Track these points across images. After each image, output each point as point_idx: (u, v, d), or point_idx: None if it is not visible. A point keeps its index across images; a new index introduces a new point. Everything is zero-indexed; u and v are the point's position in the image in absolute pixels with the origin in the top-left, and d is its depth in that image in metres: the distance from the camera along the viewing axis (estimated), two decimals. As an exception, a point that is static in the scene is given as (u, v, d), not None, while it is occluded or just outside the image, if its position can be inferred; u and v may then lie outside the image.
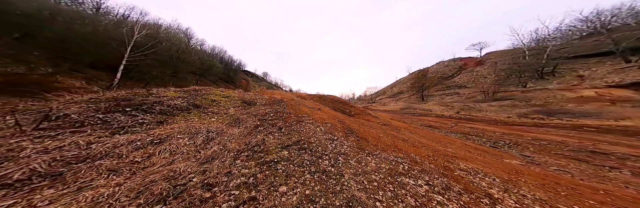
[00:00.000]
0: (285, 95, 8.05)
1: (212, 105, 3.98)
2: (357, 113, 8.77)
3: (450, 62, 42.35)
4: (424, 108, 20.10)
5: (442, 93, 29.16)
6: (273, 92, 8.78)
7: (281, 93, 8.54)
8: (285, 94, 8.13)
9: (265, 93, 8.07)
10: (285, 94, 8.64)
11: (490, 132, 7.26)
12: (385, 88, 62.75)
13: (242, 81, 38.06)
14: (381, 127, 5.73)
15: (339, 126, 4.18)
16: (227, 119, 3.46)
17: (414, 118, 11.60)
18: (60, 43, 11.57)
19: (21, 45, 10.31)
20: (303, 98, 9.18)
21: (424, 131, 6.67)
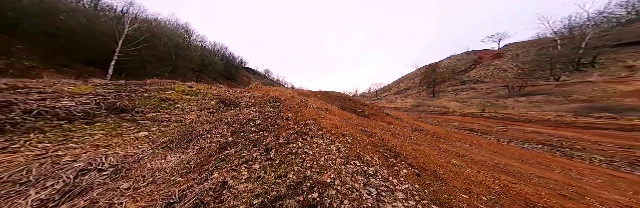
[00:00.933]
0: (284, 92, 6.38)
1: (160, 107, 2.41)
2: (373, 113, 7.00)
3: (463, 55, 38.56)
4: (438, 105, 17.87)
5: (456, 88, 26.39)
6: (269, 88, 7.08)
7: (279, 90, 6.86)
8: (284, 91, 6.48)
9: (260, 89, 6.47)
10: (284, 91, 6.98)
11: (570, 139, 5.16)
12: (391, 84, 59.59)
13: (243, 78, 36.84)
14: (420, 136, 3.98)
15: (365, 140, 2.51)
16: (172, 133, 1.87)
17: (438, 118, 9.57)
18: (50, 37, 10.44)
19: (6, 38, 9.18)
20: (305, 96, 7.50)
21: (480, 140, 4.76)
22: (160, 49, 13.70)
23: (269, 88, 7.02)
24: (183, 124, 2.10)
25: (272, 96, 4.10)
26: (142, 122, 1.96)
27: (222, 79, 28.10)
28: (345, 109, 7.34)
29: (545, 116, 8.46)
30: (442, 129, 6.02)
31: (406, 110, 16.08)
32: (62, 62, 11.00)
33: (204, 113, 2.59)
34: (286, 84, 65.25)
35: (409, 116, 9.85)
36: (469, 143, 4.18)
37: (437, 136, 4.37)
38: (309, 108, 3.95)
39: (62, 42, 10.74)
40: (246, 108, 3.09)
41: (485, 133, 6.19)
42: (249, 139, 2.06)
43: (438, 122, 7.97)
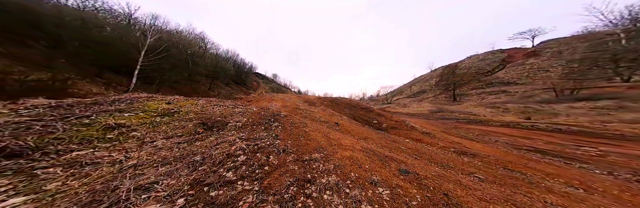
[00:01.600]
0: (288, 102, 5.55)
1: (101, 140, 1.63)
2: (393, 126, 5.73)
3: (487, 55, 34.52)
4: (463, 111, 15.42)
5: (481, 91, 23.18)
6: (272, 98, 6.29)
7: (283, 99, 6.07)
8: (288, 101, 5.65)
9: (262, 99, 5.74)
10: (289, 99, 6.15)
11: None
12: (403, 86, 56.05)
13: (253, 83, 37.74)
14: (482, 168, 2.62)
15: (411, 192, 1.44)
16: (75, 195, 1.02)
17: (473, 129, 7.61)
18: (86, 50, 11.44)
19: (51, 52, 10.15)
20: (311, 104, 6.59)
21: (592, 179, 2.75)
22: (178, 57, 14.32)
23: (271, 97, 6.29)
24: (115, 171, 1.28)
25: (271, 112, 3.25)
26: (45, 171, 1.18)
27: (233, 84, 29.00)
28: (357, 120, 6.21)
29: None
30: (498, 150, 4.33)
31: (425, 117, 14.09)
32: (95, 73, 11.82)
33: (168, 143, 1.78)
34: (293, 88, 65.64)
35: (433, 125, 8.21)
36: (580, 185, 2.47)
37: (504, 166, 2.93)
38: (316, 127, 3.00)
39: (96, 54, 11.57)
40: (233, 131, 2.24)
41: (571, 158, 4.02)
42: (214, 202, 1.16)
43: (477, 136, 6.26)
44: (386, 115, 6.79)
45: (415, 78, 57.12)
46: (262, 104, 4.54)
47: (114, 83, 12.05)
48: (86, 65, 11.35)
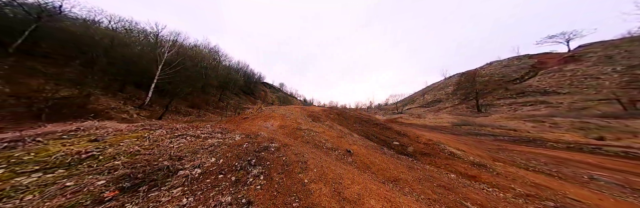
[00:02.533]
0: (288, 118, 4.58)
1: None
2: (422, 151, 4.27)
3: (512, 61, 31.34)
4: (495, 125, 12.83)
5: (511, 101, 20.05)
6: (271, 114, 5.15)
7: (283, 115, 5.07)
8: (288, 117, 4.70)
9: (259, 116, 4.82)
10: (290, 115, 5.17)
11: None
12: (414, 95, 52.65)
13: (261, 92, 38.47)
14: None
15: None
16: None
17: (535, 154, 5.27)
18: (112, 66, 12.55)
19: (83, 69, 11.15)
20: (316, 119, 5.56)
21: None
22: (192, 70, 15.02)
23: (270, 113, 5.22)
24: None
25: (259, 141, 2.31)
26: None
27: (242, 94, 29.73)
28: (371, 139, 4.93)
29: None
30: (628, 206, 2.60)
31: (449, 131, 11.88)
32: (118, 88, 12.59)
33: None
34: (299, 97, 65.87)
35: (469, 145, 6.37)
36: None
37: None
38: (321, 164, 1.94)
39: (121, 70, 12.47)
40: (175, 191, 1.27)
41: None
42: None
43: (551, 167, 4.30)
44: (409, 134, 5.37)
45: (428, 86, 53.80)
46: (255, 126, 3.64)
47: (134, 97, 12.68)
48: (111, 81, 12.25)
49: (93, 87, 10.85)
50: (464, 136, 9.84)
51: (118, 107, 10.54)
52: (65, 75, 10.09)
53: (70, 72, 10.29)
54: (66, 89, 9.20)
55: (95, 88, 10.97)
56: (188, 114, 14.30)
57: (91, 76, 10.88)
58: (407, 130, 5.84)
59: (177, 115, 13.47)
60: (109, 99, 10.84)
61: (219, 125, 3.77)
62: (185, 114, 14.14)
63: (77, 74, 10.50)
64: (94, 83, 11.16)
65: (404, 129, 5.99)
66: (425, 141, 4.68)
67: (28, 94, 7.52)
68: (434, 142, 4.71)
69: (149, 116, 11.52)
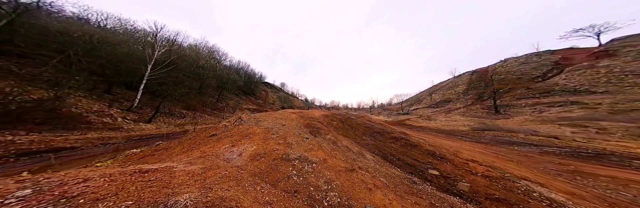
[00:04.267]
0: (274, 136, 3.03)
1: None
2: (490, 193, 2.63)
3: (531, 57, 28.59)
4: (528, 130, 10.90)
5: (535, 102, 17.88)
6: (249, 129, 3.42)
7: (268, 129, 3.51)
8: (276, 132, 3.11)
9: (231, 133, 3.00)
10: (279, 129, 3.50)
11: None
12: (420, 94, 50.12)
13: (262, 93, 37.28)
14: None
15: None
16: None
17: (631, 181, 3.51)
18: (99, 66, 11.43)
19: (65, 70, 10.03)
20: (314, 130, 4.15)
21: None
22: (188, 70, 13.80)
23: (248, 128, 3.47)
24: None
25: None
26: None
27: (242, 94, 28.56)
28: (391, 161, 3.50)
29: None
30: None
31: (472, 138, 10.09)
32: (104, 89, 11.45)
33: None
34: (300, 97, 64.57)
35: (515, 162, 4.73)
36: None
37: None
38: None
39: (108, 70, 11.29)
40: None
41: None
42: None
43: None
44: (447, 155, 3.80)
45: (435, 85, 51.11)
46: (209, 158, 2.10)
47: (122, 99, 11.58)
48: (97, 82, 11.13)
49: (74, 88, 9.76)
50: (495, 145, 8.08)
51: (101, 110, 9.42)
52: (42, 76, 9.00)
53: (47, 72, 9.20)
54: (40, 90, 8.10)
55: (77, 89, 9.88)
56: (182, 116, 13.19)
57: (73, 77, 9.76)
58: (441, 148, 4.28)
59: (169, 118, 12.36)
60: (93, 102, 9.73)
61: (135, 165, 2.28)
62: (180, 117, 13.03)
63: (55, 74, 9.37)
64: (76, 84, 10.07)
65: (437, 146, 4.43)
66: (483, 171, 3.10)
67: (-13, 97, 6.41)
68: (501, 173, 3.12)
69: (136, 119, 10.39)
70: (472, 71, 39.83)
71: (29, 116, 6.72)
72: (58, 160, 4.21)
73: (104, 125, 8.49)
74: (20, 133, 5.85)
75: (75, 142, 5.82)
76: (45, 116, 7.05)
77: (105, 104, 10.34)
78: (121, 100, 11.51)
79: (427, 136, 9.35)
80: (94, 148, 5.67)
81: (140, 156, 3.16)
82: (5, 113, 6.30)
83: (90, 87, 10.71)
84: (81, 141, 6.03)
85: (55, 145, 5.36)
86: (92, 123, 8.21)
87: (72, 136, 6.49)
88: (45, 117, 7.02)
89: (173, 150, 2.70)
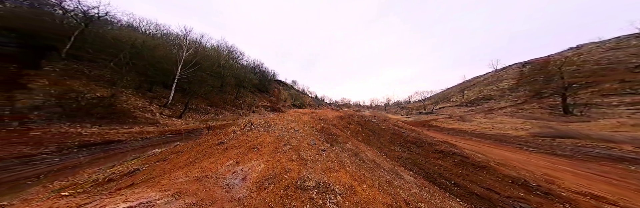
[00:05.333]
0: (286, 149, 2.56)
1: None
2: None
3: (627, 40, 20.97)
4: (634, 139, 7.57)
5: (636, 100, 13.11)
6: (258, 137, 3.02)
7: (279, 137, 3.06)
8: (288, 143, 2.63)
9: (238, 142, 2.66)
10: (292, 135, 3.08)
11: None
12: (448, 91, 43.48)
13: (274, 90, 38.31)
14: None
15: None
16: None
17: None
18: (143, 67, 13.35)
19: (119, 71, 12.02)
20: (331, 137, 3.66)
21: None
22: (211, 69, 14.94)
23: (258, 136, 3.10)
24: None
25: None
26: None
27: (257, 92, 29.97)
28: (441, 185, 2.68)
29: None
30: None
31: (530, 145, 7.63)
32: (147, 88, 13.32)
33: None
34: (310, 94, 64.23)
35: None
36: None
37: None
38: None
39: (150, 71, 13.02)
40: None
41: None
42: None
43: None
44: (556, 191, 2.29)
45: (468, 80, 43.52)
46: (208, 182, 1.86)
47: (160, 96, 13.41)
48: (142, 81, 13.06)
49: (125, 87, 11.70)
50: (589, 161, 5.35)
51: (144, 106, 11.07)
52: (103, 76, 10.98)
53: (107, 73, 11.18)
54: (102, 89, 9.92)
55: (127, 88, 11.83)
56: (206, 112, 14.62)
57: (124, 78, 11.66)
58: (520, 169, 3.07)
59: (196, 113, 13.85)
60: (139, 99, 11.51)
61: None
62: (204, 113, 14.48)
63: (112, 75, 11.30)
64: (127, 83, 12.05)
65: (510, 165, 3.23)
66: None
67: (66, 95, 8.12)
68: None
69: (170, 115, 11.94)
70: (524, 62, 32.03)
71: (94, 111, 8.27)
72: (105, 153, 4.87)
73: (146, 120, 9.90)
74: (86, 125, 7.19)
75: (123, 136, 6.85)
76: (104, 111, 8.59)
77: (147, 101, 12.06)
78: (159, 97, 13.27)
79: (468, 142, 7.61)
80: (135, 142, 6.53)
81: (157, 159, 3.24)
82: (78, 108, 7.86)
83: (136, 86, 12.63)
84: (127, 134, 7.09)
85: (108, 138, 6.37)
86: (137, 118, 9.65)
87: (122, 130, 7.71)
88: (104, 112, 8.56)
89: (180, 158, 2.61)
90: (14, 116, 6.12)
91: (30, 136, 5.24)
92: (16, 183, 2.83)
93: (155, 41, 14.85)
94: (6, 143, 4.54)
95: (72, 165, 3.76)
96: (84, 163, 3.96)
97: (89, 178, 2.50)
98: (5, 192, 2.51)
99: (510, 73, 30.65)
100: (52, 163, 3.90)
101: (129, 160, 3.52)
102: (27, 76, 8.11)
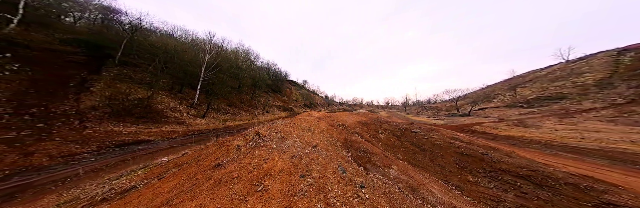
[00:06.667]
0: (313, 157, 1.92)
1: None
2: None
3: None
4: None
5: None
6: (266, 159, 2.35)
7: (294, 159, 2.31)
8: (306, 167, 2.14)
9: (240, 166, 2.21)
10: (308, 154, 2.52)
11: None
12: (488, 89, 36.03)
13: (286, 90, 38.65)
14: None
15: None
16: None
17: None
18: (174, 71, 14.97)
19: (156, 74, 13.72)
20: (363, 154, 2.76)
21: None
22: (230, 71, 15.80)
23: (265, 157, 2.47)
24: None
25: None
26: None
27: (271, 92, 30.79)
28: None
29: None
30: None
31: None
32: (178, 89, 14.87)
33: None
34: (320, 94, 62.65)
35: None
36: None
37: None
38: None
39: (179, 73, 14.46)
40: None
41: None
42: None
43: None
44: None
45: (520, 75, 35.39)
46: None
47: (188, 97, 14.93)
48: (174, 83, 14.68)
49: (161, 89, 13.37)
50: None
51: (174, 106, 12.44)
52: (145, 80, 12.69)
53: (147, 77, 12.90)
54: (143, 91, 11.49)
55: (162, 89, 13.52)
56: (226, 112, 15.72)
57: (160, 80, 13.28)
58: None
59: (217, 113, 15.00)
60: (171, 100, 12.98)
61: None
62: (224, 113, 15.60)
63: (151, 78, 12.96)
64: (162, 85, 13.73)
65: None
66: None
67: (116, 97, 9.61)
68: None
69: (195, 114, 13.18)
70: (620, 49, 23.99)
71: (135, 111, 9.58)
72: (133, 153, 5.36)
73: (175, 119, 11.03)
74: (126, 124, 8.32)
75: (152, 135, 7.70)
76: (142, 111, 9.88)
77: (177, 101, 13.46)
78: (188, 98, 14.69)
79: (560, 161, 4.76)
80: (161, 142, 7.21)
81: (159, 172, 3.24)
82: (123, 109, 9.18)
83: (169, 87, 14.23)
84: (156, 134, 7.95)
85: (140, 137, 7.20)
86: (167, 117, 10.83)
87: (154, 129, 8.72)
88: (142, 112, 9.84)
89: (168, 183, 2.45)
90: (77, 116, 7.40)
91: (83, 134, 6.18)
92: (42, 188, 3.17)
93: (184, 45, 16.32)
94: (64, 141, 5.40)
95: (100, 168, 4.18)
96: (111, 165, 4.38)
97: (92, 192, 2.58)
98: (28, 198, 2.79)
99: (596, 64, 23.22)
100: (88, 163, 4.43)
101: (136, 170, 3.64)
102: (91, 81, 9.82)
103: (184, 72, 14.62)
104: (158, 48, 13.61)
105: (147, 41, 14.06)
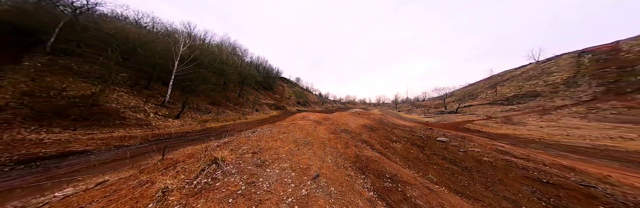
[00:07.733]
0: None
1: None
2: None
3: None
4: None
5: None
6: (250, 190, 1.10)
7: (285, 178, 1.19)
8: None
9: None
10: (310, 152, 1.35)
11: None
12: (473, 87, 38.71)
13: (279, 88, 36.89)
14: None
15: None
16: None
17: None
18: (139, 64, 12.16)
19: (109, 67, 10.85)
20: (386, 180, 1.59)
21: None
22: (211, 66, 13.48)
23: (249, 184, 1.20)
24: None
25: None
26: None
27: (261, 89, 28.54)
28: None
29: None
30: None
31: None
32: (144, 85, 12.05)
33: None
34: (314, 91, 62.13)
35: None
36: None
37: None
38: None
39: (146, 67, 11.70)
40: None
41: None
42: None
43: None
44: None
45: (498, 74, 38.56)
46: None
47: (158, 94, 12.20)
48: (138, 78, 11.87)
49: (119, 84, 10.54)
50: None
51: (137, 106, 9.81)
52: (95, 73, 9.82)
53: (98, 70, 10.02)
54: (91, 86, 8.73)
55: (121, 85, 10.67)
56: (207, 111, 13.30)
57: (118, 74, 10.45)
58: None
59: (196, 113, 12.55)
60: (132, 97, 10.26)
61: None
62: (205, 112, 13.18)
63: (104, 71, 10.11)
64: (121, 80, 10.88)
65: None
66: None
67: (40, 94, 6.91)
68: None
69: (166, 115, 10.65)
70: (580, 51, 26.95)
71: (72, 111, 6.98)
72: (45, 174, 3.25)
73: (137, 121, 8.54)
74: (54, 130, 5.84)
75: (93, 144, 5.42)
76: (85, 112, 7.30)
77: (142, 99, 10.75)
78: (157, 96, 11.99)
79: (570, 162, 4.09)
80: (105, 152, 5.02)
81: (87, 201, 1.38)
82: (52, 109, 6.56)
83: (132, 83, 11.40)
84: (100, 142, 5.67)
85: (70, 148, 4.92)
86: (126, 119, 8.31)
87: (99, 135, 6.34)
88: (85, 113, 7.26)
89: None
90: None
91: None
92: None
93: (152, 35, 13.46)
94: None
95: None
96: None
97: None
98: None
99: (562, 65, 25.82)
100: None
101: None
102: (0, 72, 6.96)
103: (152, 65, 11.90)
104: (112, 36, 10.74)
105: (95, 26, 11.05)
